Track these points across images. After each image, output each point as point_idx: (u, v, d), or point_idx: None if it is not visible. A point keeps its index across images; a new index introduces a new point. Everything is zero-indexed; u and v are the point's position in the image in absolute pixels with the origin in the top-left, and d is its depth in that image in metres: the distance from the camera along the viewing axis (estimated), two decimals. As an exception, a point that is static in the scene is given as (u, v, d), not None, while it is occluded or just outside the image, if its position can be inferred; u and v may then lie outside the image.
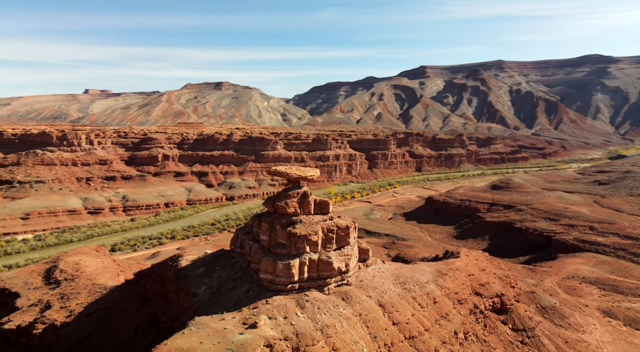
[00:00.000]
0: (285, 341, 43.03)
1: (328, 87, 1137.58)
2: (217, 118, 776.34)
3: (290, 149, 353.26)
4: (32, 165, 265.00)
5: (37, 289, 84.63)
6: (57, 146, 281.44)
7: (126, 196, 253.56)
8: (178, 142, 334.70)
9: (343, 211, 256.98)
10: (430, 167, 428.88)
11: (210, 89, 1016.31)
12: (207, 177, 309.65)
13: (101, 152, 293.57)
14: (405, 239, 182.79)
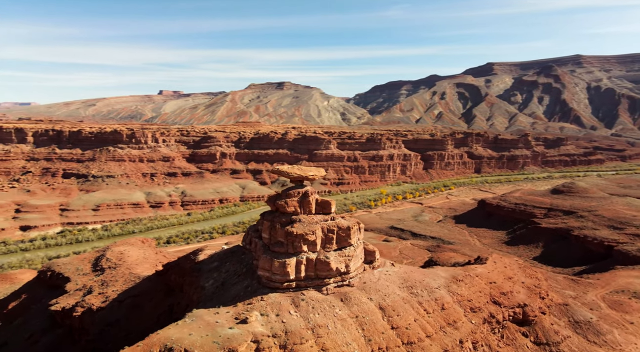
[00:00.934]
0: (273, 337, 44.17)
1: (389, 86, 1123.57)
2: (277, 117, 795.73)
3: (343, 149, 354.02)
4: (105, 161, 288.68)
5: (85, 275, 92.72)
6: (127, 144, 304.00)
7: (185, 191, 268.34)
8: (235, 140, 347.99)
9: (392, 211, 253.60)
10: (490, 169, 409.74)
11: (272, 89, 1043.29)
12: (261, 175, 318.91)
13: (165, 150, 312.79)
14: (452, 243, 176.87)
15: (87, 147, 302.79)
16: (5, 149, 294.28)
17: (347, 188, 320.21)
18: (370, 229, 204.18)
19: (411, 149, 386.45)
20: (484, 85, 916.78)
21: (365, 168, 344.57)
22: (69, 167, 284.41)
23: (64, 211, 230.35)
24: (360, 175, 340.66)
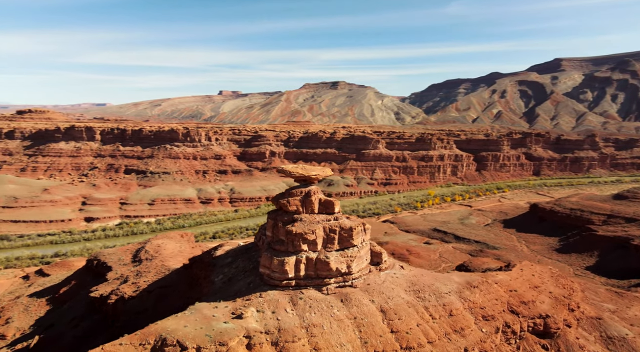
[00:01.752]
0: (265, 334, 45.23)
1: (447, 85, 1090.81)
2: (330, 117, 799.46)
3: (392, 148, 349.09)
4: (162, 158, 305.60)
5: (125, 265, 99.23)
6: (182, 142, 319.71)
7: (233, 188, 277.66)
8: (285, 139, 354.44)
9: (438, 213, 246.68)
10: (551, 171, 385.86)
11: (326, 88, 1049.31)
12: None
13: (217, 148, 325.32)
14: (497, 248, 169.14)
15: (147, 145, 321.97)
16: (77, 146, 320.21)
17: (395, 189, 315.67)
18: (412, 231, 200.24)
19: (463, 150, 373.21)
20: (549, 82, 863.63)
21: (414, 168, 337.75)
22: (130, 164, 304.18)
23: (123, 205, 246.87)
24: (408, 175, 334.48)
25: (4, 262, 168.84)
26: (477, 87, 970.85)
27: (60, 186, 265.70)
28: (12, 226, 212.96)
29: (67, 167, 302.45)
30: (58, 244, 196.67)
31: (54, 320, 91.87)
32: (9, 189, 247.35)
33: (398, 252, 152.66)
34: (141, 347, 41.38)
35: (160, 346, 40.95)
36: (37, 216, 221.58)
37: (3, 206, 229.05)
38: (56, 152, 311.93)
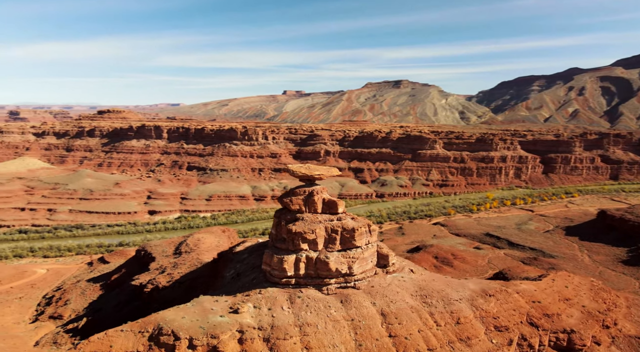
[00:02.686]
0: (258, 330, 46.39)
1: (518, 82, 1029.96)
2: (391, 116, 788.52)
3: (449, 149, 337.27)
4: (221, 156, 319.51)
5: (167, 256, 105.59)
6: (240, 140, 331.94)
7: (286, 186, 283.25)
8: (340, 139, 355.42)
9: (495, 217, 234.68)
10: (631, 176, 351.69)
11: (389, 87, 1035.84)
12: (363, 174, 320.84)
13: (273, 147, 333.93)
14: (553, 256, 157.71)
15: (208, 143, 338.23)
16: (146, 144, 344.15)
17: (451, 190, 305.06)
18: (462, 235, 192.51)
19: (529, 151, 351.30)
20: (637, 78, 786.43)
21: (472, 170, 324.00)
22: (192, 161, 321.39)
23: (183, 199, 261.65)
24: (466, 177, 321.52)
25: (76, 249, 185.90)
26: (552, 84, 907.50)
27: (129, 180, 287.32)
28: (86, 216, 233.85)
29: (137, 163, 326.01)
30: (123, 234, 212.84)
31: (103, 304, 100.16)
32: (86, 183, 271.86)
33: (442, 256, 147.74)
34: (140, 334, 44.29)
35: (156, 335, 43.60)
36: (108, 208, 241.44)
37: (80, 198, 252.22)
38: (128, 149, 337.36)
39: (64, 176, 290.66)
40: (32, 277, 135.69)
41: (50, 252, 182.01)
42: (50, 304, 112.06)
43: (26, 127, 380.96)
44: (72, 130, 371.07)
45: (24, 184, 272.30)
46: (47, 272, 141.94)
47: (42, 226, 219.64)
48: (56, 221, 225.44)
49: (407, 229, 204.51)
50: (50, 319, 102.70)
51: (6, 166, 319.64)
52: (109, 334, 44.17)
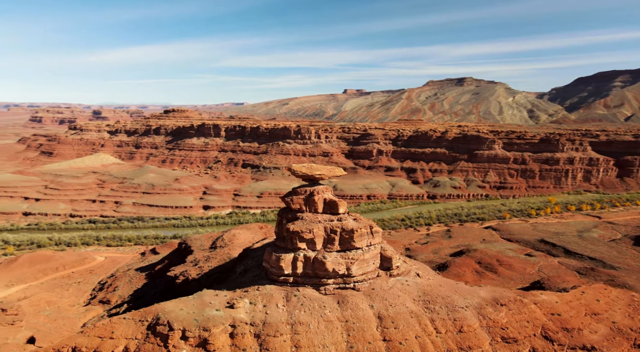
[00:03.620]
0: (250, 325, 47.61)
1: (597, 78, 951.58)
2: (452, 115, 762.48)
3: (510, 149, 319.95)
4: (274, 154, 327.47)
5: (203, 250, 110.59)
6: (294, 139, 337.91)
7: (336, 185, 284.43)
8: (393, 138, 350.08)
9: (555, 223, 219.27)
10: None
11: (451, 85, 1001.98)
12: (415, 174, 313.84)
13: (326, 146, 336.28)
14: (615, 268, 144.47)
15: (262, 141, 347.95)
16: (205, 142, 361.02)
17: (509, 193, 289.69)
18: (514, 240, 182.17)
19: (602, 153, 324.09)
20: None
21: (535, 172, 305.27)
22: (247, 159, 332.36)
23: (236, 196, 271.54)
24: (527, 179, 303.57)
25: (134, 239, 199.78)
26: (638, 79, 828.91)
27: (188, 176, 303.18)
28: (147, 209, 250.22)
29: (197, 160, 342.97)
30: (178, 227, 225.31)
31: (144, 292, 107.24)
32: (149, 178, 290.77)
33: (485, 261, 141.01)
34: (140, 323, 47.25)
35: (153, 324, 46.30)
36: (167, 202, 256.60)
37: (143, 192, 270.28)
38: (189, 146, 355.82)
39: (130, 171, 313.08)
40: (91, 264, 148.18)
41: (113, 242, 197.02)
42: (102, 290, 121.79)
43: (102, 126, 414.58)
44: (140, 128, 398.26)
45: (97, 178, 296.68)
46: (105, 260, 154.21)
47: (108, 217, 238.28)
48: (121, 213, 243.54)
49: (456, 232, 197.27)
50: (100, 303, 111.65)
51: (84, 161, 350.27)
52: (113, 321, 47.57)
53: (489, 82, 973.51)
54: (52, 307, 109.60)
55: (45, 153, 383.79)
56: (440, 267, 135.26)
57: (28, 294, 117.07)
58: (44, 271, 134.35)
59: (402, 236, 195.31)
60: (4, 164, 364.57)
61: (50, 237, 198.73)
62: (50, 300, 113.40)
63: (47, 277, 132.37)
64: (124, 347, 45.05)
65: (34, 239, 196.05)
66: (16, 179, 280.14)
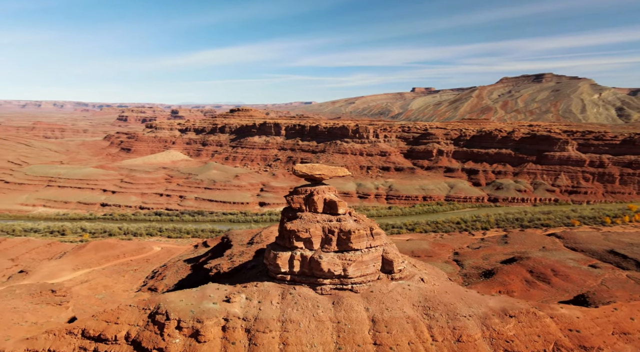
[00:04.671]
0: (243, 320, 48.80)
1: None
2: (526, 114, 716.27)
3: (585, 151, 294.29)
4: (332, 153, 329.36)
5: (242, 245, 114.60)
6: (352, 138, 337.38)
7: (392, 185, 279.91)
8: (455, 138, 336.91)
9: (633, 233, 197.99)
10: None
11: (527, 82, 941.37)
12: (477, 175, 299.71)
13: (384, 145, 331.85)
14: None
15: (321, 140, 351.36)
16: (266, 140, 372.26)
17: (583, 198, 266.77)
18: (579, 249, 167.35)
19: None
20: None
21: (614, 176, 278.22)
22: (305, 157, 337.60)
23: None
24: (605, 184, 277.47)
25: (192, 232, 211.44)
26: None
27: (248, 173, 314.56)
28: (207, 204, 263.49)
29: (257, 157, 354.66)
30: (234, 222, 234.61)
31: (185, 282, 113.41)
32: (212, 174, 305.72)
33: (538, 271, 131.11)
34: (143, 311, 50.41)
35: (154, 313, 49.20)
36: (226, 198, 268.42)
37: (205, 187, 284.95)
38: (251, 144, 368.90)
39: (196, 167, 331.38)
40: (148, 253, 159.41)
41: (173, 234, 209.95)
42: (153, 278, 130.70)
43: (174, 124, 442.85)
44: (208, 127, 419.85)
45: (166, 173, 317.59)
46: (161, 250, 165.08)
47: (173, 210, 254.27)
48: (184, 207, 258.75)
49: (513, 237, 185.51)
50: (149, 290, 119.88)
51: (156, 157, 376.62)
52: (120, 307, 51.20)
53: (572, 77, 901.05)
54: (107, 291, 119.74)
55: (125, 149, 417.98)
56: (486, 274, 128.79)
57: (90, 278, 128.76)
58: (106, 258, 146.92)
59: (454, 240, 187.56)
60: (90, 159, 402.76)
61: (120, 227, 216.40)
62: (107, 285, 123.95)
63: (109, 263, 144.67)
64: (126, 332, 48.35)
65: (106, 228, 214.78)
66: (97, 173, 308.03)
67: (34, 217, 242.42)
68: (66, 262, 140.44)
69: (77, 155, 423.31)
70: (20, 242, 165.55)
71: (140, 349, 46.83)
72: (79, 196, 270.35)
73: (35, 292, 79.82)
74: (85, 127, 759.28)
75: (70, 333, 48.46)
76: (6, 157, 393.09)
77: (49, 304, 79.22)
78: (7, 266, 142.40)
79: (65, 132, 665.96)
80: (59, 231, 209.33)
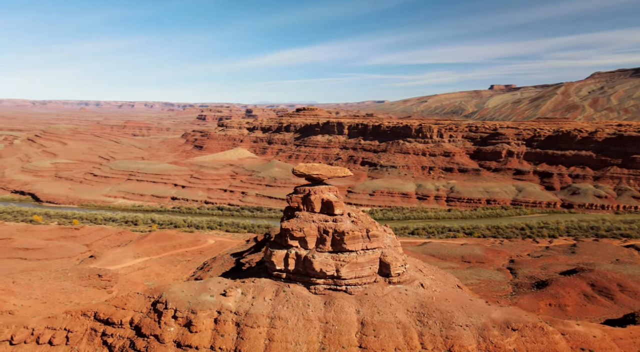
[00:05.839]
0: (235, 314, 49.99)
1: None
2: (620, 112, 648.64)
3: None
4: (393, 153, 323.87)
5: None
6: (414, 138, 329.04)
7: (454, 187, 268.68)
8: (528, 138, 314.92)
9: None
10: None
11: (624, 77, 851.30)
12: (550, 179, 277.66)
13: (448, 145, 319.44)
14: None
15: (383, 140, 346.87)
16: (329, 139, 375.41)
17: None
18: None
19: None
20: None
21: None
22: (366, 156, 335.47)
23: (349, 193, 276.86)
24: None
25: (249, 227, 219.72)
26: None
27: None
28: (267, 200, 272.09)
29: (319, 156, 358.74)
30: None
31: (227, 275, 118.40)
32: (274, 172, 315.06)
33: (601, 284, 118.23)
34: (147, 299, 53.74)
35: (156, 302, 52.28)
36: (284, 195, 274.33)
37: (266, 184, 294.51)
38: (314, 143, 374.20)
39: (259, 165, 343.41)
40: (202, 246, 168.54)
41: (231, 228, 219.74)
42: (201, 269, 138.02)
43: (242, 123, 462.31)
44: (274, 125, 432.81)
45: (232, 170, 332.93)
46: (215, 243, 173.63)
47: (234, 206, 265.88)
48: (245, 203, 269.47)
49: (583, 247, 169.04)
50: (195, 280, 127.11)
51: (224, 155, 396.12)
52: (129, 294, 55.02)
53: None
54: (158, 279, 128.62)
55: (198, 147, 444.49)
56: (539, 284, 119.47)
57: (146, 265, 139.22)
58: (164, 248, 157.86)
59: (513, 247, 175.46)
60: (167, 155, 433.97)
61: (185, 219, 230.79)
62: (160, 273, 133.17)
63: (166, 253, 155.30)
64: (131, 318, 51.90)
65: (172, 219, 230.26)
66: (171, 168, 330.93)
67: (114, 207, 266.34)
68: (129, 250, 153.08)
69: (156, 152, 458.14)
70: (95, 230, 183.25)
71: (140, 334, 50.01)
72: (153, 189, 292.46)
73: (85, 276, 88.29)
74: (168, 126, 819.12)
75: (84, 315, 52.98)
76: (98, 153, 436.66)
77: (95, 287, 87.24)
78: (82, 250, 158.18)
79: (151, 130, 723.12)
80: (132, 221, 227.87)
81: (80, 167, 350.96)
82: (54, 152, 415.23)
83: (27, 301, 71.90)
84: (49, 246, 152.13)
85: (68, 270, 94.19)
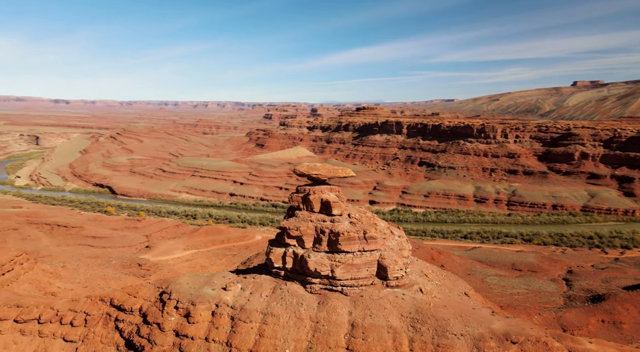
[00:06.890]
0: (231, 308, 51.15)
1: None
2: None
3: None
4: (452, 154, 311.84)
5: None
6: (476, 138, 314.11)
7: (516, 190, 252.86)
8: (606, 139, 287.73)
9: None
10: None
11: None
12: (631, 184, 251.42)
13: (512, 146, 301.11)
14: None
15: (443, 140, 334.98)
16: (387, 139, 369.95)
17: None
18: None
19: None
20: None
21: None
22: (424, 157, 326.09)
23: (403, 193, 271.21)
24: None
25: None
26: None
27: (364, 171, 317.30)
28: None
29: (377, 156, 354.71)
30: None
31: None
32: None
33: None
34: (157, 288, 56.76)
35: (162, 292, 55.12)
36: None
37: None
38: (371, 143, 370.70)
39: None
40: (249, 241, 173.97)
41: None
42: (244, 263, 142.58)
43: (303, 122, 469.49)
44: (333, 125, 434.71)
45: (289, 168, 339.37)
46: (261, 239, 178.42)
47: (288, 203, 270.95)
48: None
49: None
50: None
51: (284, 153, 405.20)
52: (142, 283, 58.41)
53: None
54: (202, 271, 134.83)
55: (259, 145, 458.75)
56: (594, 299, 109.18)
57: (193, 257, 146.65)
58: (213, 241, 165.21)
59: (576, 256, 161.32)
60: (231, 153, 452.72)
61: (240, 215, 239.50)
62: (204, 265, 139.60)
63: (214, 247, 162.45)
64: (140, 305, 55.16)
65: (228, 215, 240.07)
66: (232, 166, 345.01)
67: (178, 201, 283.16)
68: (181, 242, 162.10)
69: (221, 149, 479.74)
70: (156, 222, 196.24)
71: (146, 321, 53.00)
72: (214, 185, 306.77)
73: (126, 264, 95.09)
74: (236, 124, 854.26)
75: (102, 300, 57.18)
76: (168, 150, 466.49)
77: (135, 275, 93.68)
78: (141, 240, 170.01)
79: (220, 129, 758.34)
80: (192, 215, 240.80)
81: (152, 163, 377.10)
82: (131, 149, 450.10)
83: (71, 284, 79.07)
84: (113, 235, 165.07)
85: (112, 258, 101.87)
